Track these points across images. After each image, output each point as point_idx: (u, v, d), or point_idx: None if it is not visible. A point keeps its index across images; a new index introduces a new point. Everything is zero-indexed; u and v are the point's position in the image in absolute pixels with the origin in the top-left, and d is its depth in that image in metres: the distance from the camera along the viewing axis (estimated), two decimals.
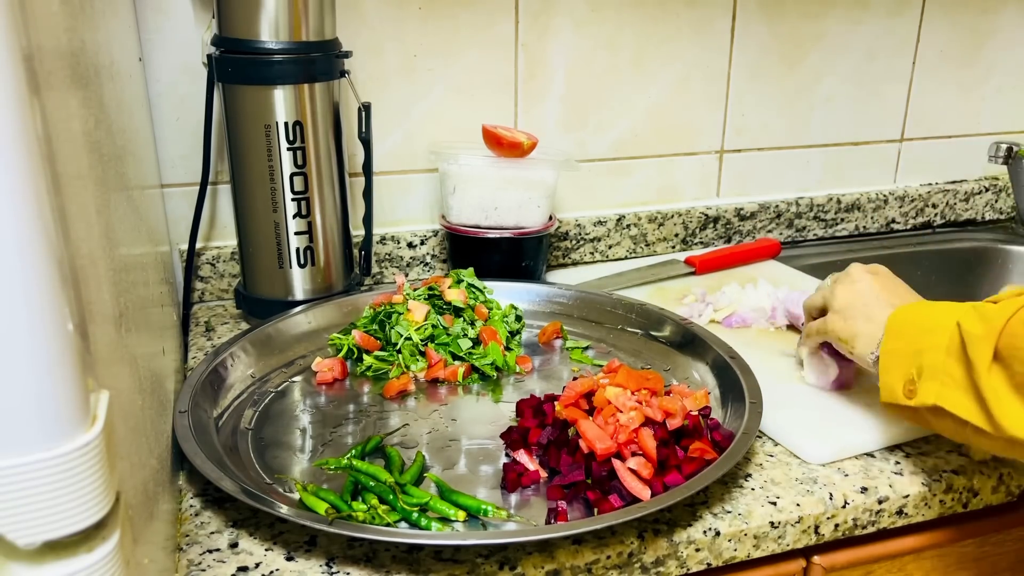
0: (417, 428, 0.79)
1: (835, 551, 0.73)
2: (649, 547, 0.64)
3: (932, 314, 0.67)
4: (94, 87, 0.53)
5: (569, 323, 0.99)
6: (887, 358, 0.69)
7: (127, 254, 0.57)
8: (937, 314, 0.67)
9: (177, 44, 1.01)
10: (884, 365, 0.69)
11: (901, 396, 0.67)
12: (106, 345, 0.43)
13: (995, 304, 0.63)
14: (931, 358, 0.65)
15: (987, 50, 1.39)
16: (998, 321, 0.60)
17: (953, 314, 0.64)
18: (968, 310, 0.64)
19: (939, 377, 0.64)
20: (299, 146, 0.93)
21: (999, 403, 0.60)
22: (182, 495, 0.70)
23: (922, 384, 0.65)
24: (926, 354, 0.65)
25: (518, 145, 1.04)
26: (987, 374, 0.60)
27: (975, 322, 0.62)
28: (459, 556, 0.62)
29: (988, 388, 0.60)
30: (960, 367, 0.63)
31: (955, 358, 0.63)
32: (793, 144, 1.33)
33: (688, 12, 1.19)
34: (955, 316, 0.64)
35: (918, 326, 0.68)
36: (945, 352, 0.64)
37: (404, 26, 1.08)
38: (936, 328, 0.65)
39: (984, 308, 0.63)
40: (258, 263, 0.98)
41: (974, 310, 0.63)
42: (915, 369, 0.66)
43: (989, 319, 0.61)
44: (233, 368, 0.84)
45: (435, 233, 1.16)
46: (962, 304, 0.66)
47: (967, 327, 0.62)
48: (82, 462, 0.34)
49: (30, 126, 0.31)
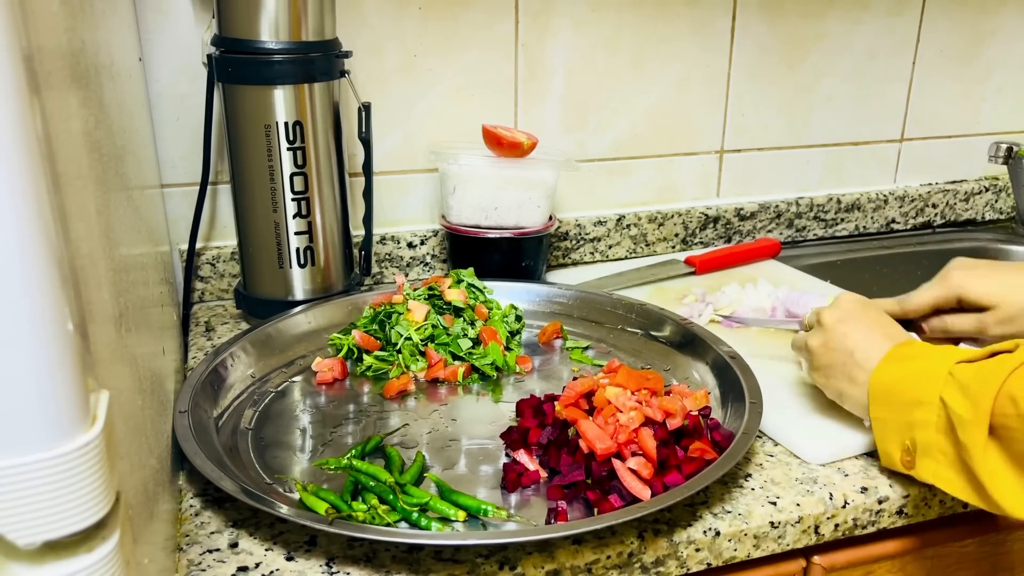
0: (417, 428, 0.79)
1: (835, 551, 0.73)
2: (649, 547, 0.64)
3: (912, 383, 0.66)
4: (94, 87, 0.53)
5: (569, 323, 0.99)
6: (879, 427, 0.69)
7: (127, 254, 0.57)
8: (917, 384, 0.66)
9: (177, 44, 1.01)
10: (878, 433, 0.70)
11: (900, 465, 0.68)
12: (106, 345, 0.43)
13: (973, 369, 0.62)
14: (923, 435, 0.65)
15: (987, 50, 1.39)
16: (983, 398, 0.60)
17: (934, 385, 0.64)
18: (947, 379, 0.63)
19: (934, 455, 0.64)
20: (299, 146, 0.93)
21: (994, 483, 0.60)
22: (182, 495, 0.69)
23: (919, 460, 0.66)
24: (917, 430, 0.65)
25: (518, 145, 1.04)
26: (982, 456, 0.60)
27: (958, 398, 0.62)
28: (459, 556, 0.62)
29: (983, 471, 0.60)
30: (951, 447, 0.63)
31: (945, 436, 0.63)
32: (793, 144, 1.33)
33: (688, 12, 1.19)
34: (937, 388, 0.63)
35: (902, 398, 0.67)
36: (935, 429, 0.64)
37: (404, 26, 1.08)
38: (921, 403, 0.65)
39: (962, 376, 0.62)
40: (258, 263, 0.98)
41: (953, 379, 0.63)
42: (909, 442, 0.66)
43: (973, 395, 0.61)
44: (233, 368, 0.84)
45: (435, 233, 1.16)
46: (938, 364, 0.65)
47: (952, 405, 0.62)
48: (82, 462, 0.34)
49: (30, 126, 0.31)
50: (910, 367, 0.68)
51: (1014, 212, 1.48)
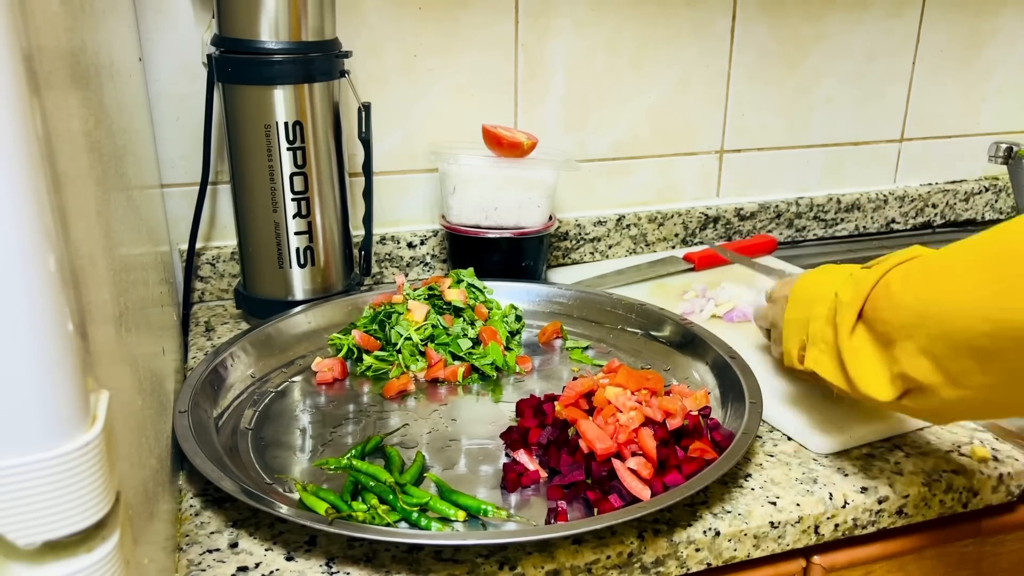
0: (417, 428, 0.79)
1: (835, 551, 0.73)
2: (649, 547, 0.64)
3: (820, 282, 0.71)
4: (94, 87, 0.53)
5: (569, 323, 0.99)
6: (788, 327, 0.73)
7: (127, 254, 0.57)
8: (823, 282, 0.70)
9: (177, 44, 1.01)
10: (786, 334, 0.74)
11: (796, 362, 0.72)
12: (106, 345, 0.43)
13: (868, 269, 0.66)
14: (815, 326, 0.68)
15: (987, 50, 1.39)
16: (865, 286, 0.63)
17: (835, 282, 0.68)
18: (846, 278, 0.67)
19: (817, 344, 0.68)
20: (299, 146, 0.93)
21: (854, 364, 0.63)
22: (182, 495, 0.69)
23: (808, 351, 0.69)
24: (812, 322, 0.69)
25: (518, 145, 1.04)
26: (848, 338, 0.64)
27: (848, 289, 0.65)
28: (459, 556, 0.62)
29: (847, 351, 0.64)
30: (831, 333, 0.66)
31: (829, 325, 0.67)
32: (793, 144, 1.33)
33: (688, 12, 1.19)
34: (835, 285, 0.67)
35: (810, 295, 0.71)
36: (824, 320, 0.67)
37: (404, 26, 1.08)
38: (821, 297, 0.69)
39: (858, 274, 0.66)
40: (258, 263, 0.98)
41: (851, 277, 0.67)
42: (806, 336, 0.70)
43: (859, 284, 0.64)
44: (233, 368, 0.84)
45: (435, 233, 1.16)
46: (845, 269, 0.70)
47: (841, 295, 0.66)
48: (82, 462, 0.34)
49: (30, 126, 0.31)
50: (824, 273, 0.73)
51: (1014, 212, 1.48)
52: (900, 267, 0.63)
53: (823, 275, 0.72)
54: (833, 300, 0.66)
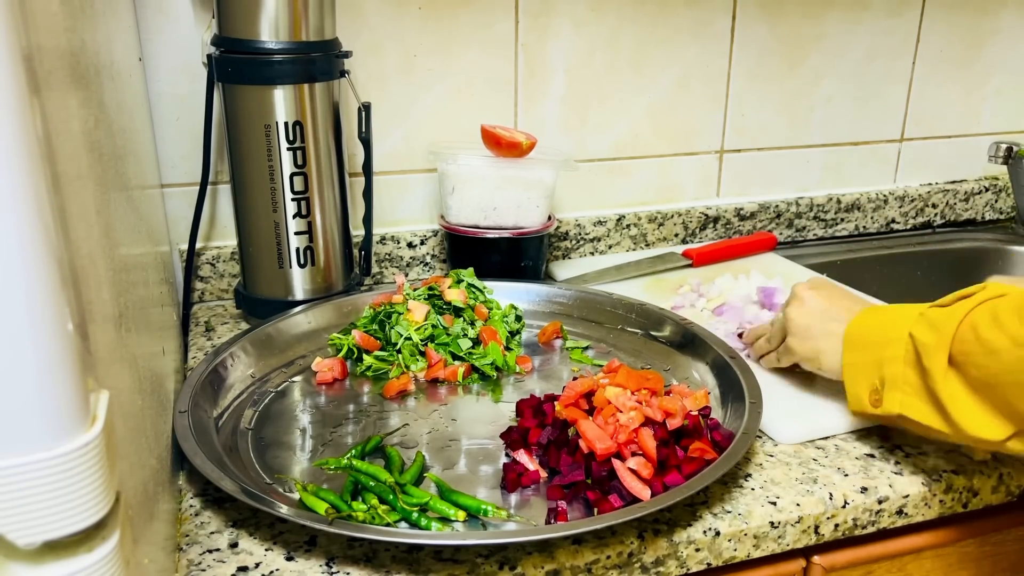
0: (417, 428, 0.79)
1: (835, 551, 0.73)
2: (649, 547, 0.64)
3: (885, 326, 0.71)
4: (94, 87, 0.53)
5: (569, 323, 0.99)
6: (850, 371, 0.73)
7: (127, 254, 0.57)
8: (889, 325, 0.70)
9: (177, 44, 1.01)
10: (848, 377, 0.73)
11: (868, 406, 0.71)
12: (106, 345, 0.43)
13: (942, 309, 0.66)
14: (891, 369, 0.68)
15: (987, 50, 1.39)
16: (948, 328, 0.64)
17: (905, 324, 0.68)
18: (918, 318, 0.67)
19: (900, 387, 0.68)
20: (299, 146, 0.93)
21: (956, 407, 0.63)
22: (182, 495, 0.69)
23: (886, 394, 0.69)
24: (886, 366, 0.69)
25: (517, 145, 1.04)
26: (943, 380, 0.64)
27: (926, 331, 0.66)
28: (459, 556, 0.62)
29: (945, 394, 0.64)
30: (917, 376, 0.66)
31: (912, 368, 0.67)
32: (793, 144, 1.33)
33: (688, 12, 1.19)
34: (907, 326, 0.67)
35: (874, 339, 0.71)
36: (903, 363, 0.67)
37: (404, 26, 1.08)
38: (891, 340, 0.69)
39: (932, 315, 0.66)
40: (258, 263, 0.98)
41: (923, 318, 0.67)
42: (878, 380, 0.70)
43: (939, 327, 0.64)
44: (233, 368, 0.84)
45: (435, 233, 1.16)
46: (910, 309, 0.70)
47: (919, 338, 0.66)
48: (82, 462, 0.34)
49: (30, 126, 0.31)
50: (883, 314, 0.73)
51: (1014, 212, 1.48)
52: (984, 307, 0.63)
53: (886, 315, 0.72)
54: (909, 342, 0.67)
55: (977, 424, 0.62)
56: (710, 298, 1.04)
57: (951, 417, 0.63)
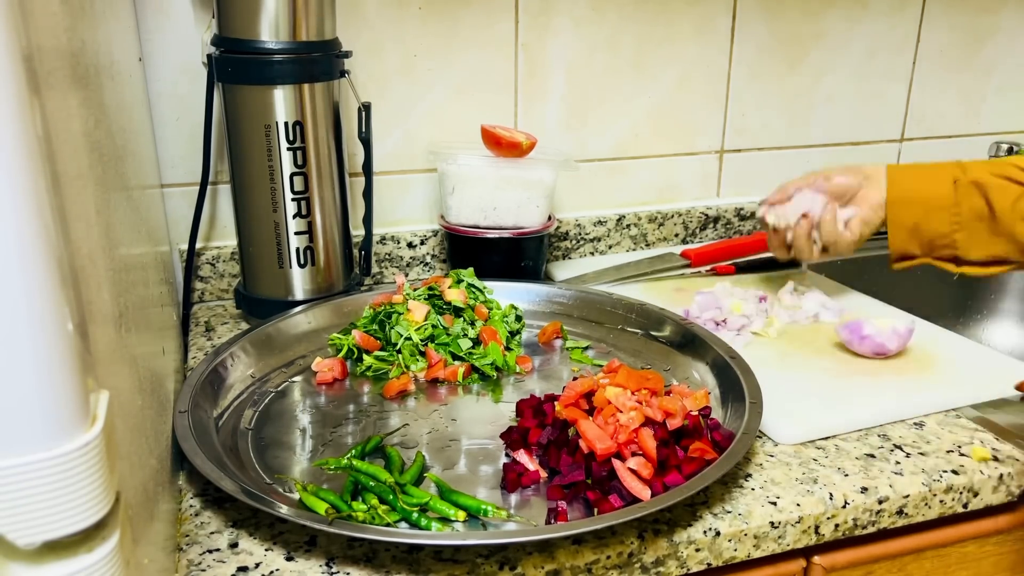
0: (417, 428, 0.79)
1: (835, 551, 0.73)
2: (649, 547, 0.64)
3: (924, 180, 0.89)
4: (94, 87, 0.53)
5: (569, 323, 0.99)
6: (900, 230, 0.89)
7: (127, 254, 0.57)
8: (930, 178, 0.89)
9: (177, 44, 1.01)
10: (898, 235, 0.89)
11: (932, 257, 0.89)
12: (106, 345, 0.43)
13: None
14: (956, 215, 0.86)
15: (987, 50, 1.39)
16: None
17: (944, 177, 0.88)
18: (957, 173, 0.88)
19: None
20: (299, 146, 0.93)
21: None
22: (182, 495, 0.70)
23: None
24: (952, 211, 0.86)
25: (517, 145, 1.04)
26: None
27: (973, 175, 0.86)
28: (459, 556, 0.62)
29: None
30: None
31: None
32: (793, 144, 1.33)
33: (688, 12, 1.19)
34: (948, 178, 0.88)
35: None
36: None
37: (404, 26, 1.08)
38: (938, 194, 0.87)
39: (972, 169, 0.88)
40: (258, 263, 0.98)
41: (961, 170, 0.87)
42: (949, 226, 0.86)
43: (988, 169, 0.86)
44: (233, 368, 0.84)
45: (435, 233, 1.16)
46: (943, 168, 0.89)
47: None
48: (82, 462, 0.34)
49: (30, 126, 0.31)
50: (917, 175, 0.90)
51: None
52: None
53: (920, 175, 0.89)
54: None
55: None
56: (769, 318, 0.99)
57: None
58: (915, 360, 0.90)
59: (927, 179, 0.86)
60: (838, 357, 0.91)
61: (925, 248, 0.87)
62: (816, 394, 0.83)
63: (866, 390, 0.84)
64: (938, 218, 0.84)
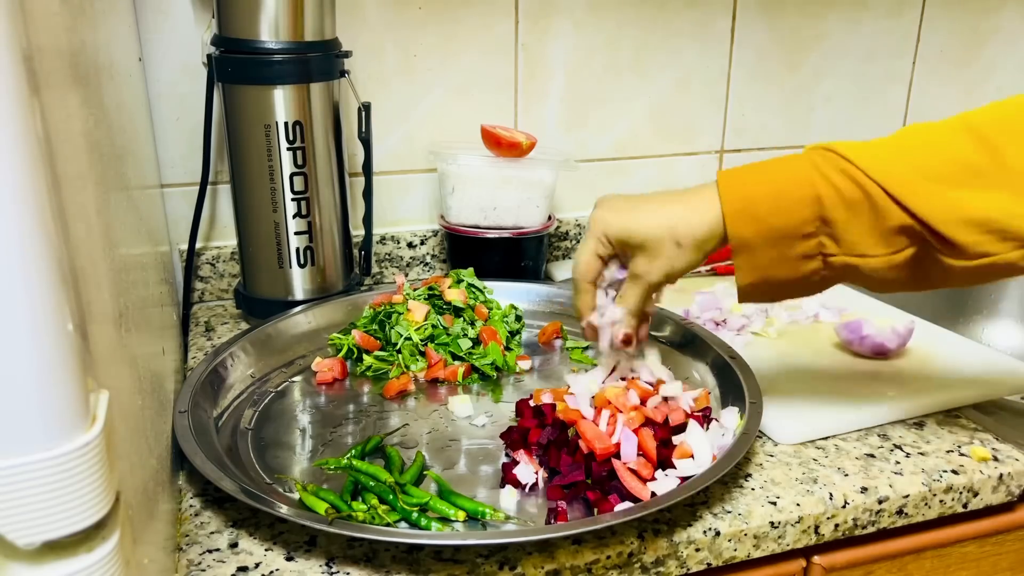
0: (417, 428, 0.79)
1: (835, 551, 0.73)
2: (649, 547, 0.64)
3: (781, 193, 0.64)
4: (94, 87, 0.53)
5: (569, 323, 0.99)
6: (762, 250, 0.64)
7: (127, 254, 0.57)
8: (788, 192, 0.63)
9: (177, 44, 1.01)
10: (756, 258, 0.65)
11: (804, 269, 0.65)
12: (106, 345, 0.43)
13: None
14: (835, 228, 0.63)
15: (987, 50, 1.39)
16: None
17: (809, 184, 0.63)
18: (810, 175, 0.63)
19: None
20: (299, 146, 0.93)
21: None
22: (182, 495, 0.70)
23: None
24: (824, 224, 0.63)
25: (517, 145, 1.04)
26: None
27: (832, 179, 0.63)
28: (459, 556, 0.62)
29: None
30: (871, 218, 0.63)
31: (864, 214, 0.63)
32: (793, 144, 1.33)
33: (688, 12, 1.19)
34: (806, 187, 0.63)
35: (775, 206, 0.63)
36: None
37: (404, 26, 1.08)
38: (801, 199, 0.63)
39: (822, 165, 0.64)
40: (258, 263, 0.98)
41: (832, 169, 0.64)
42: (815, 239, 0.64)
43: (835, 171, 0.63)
44: (233, 368, 0.84)
45: (435, 233, 1.16)
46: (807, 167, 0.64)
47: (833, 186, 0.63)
48: (82, 462, 0.34)
49: (30, 126, 0.31)
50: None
51: None
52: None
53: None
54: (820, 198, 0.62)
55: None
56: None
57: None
58: (915, 360, 0.90)
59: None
60: (838, 357, 0.91)
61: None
62: (816, 394, 0.83)
63: (866, 390, 0.83)
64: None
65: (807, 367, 0.89)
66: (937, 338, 0.95)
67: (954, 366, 0.89)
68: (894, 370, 0.88)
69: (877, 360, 0.90)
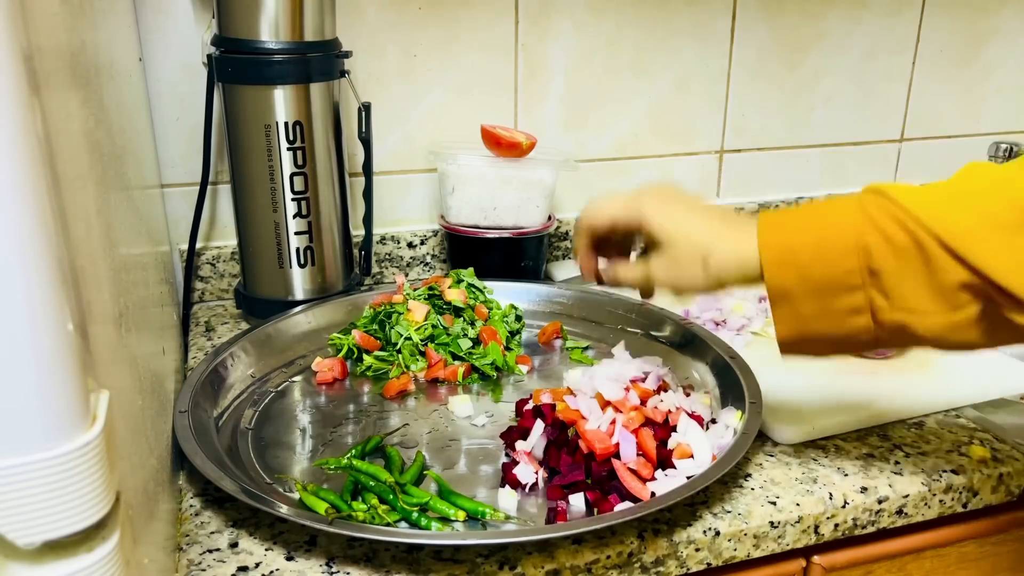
0: (417, 428, 0.79)
1: (835, 551, 0.73)
2: (649, 547, 0.64)
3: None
4: (94, 87, 0.53)
5: (569, 323, 0.99)
6: (798, 302, 0.59)
7: (127, 254, 0.57)
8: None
9: (177, 44, 1.01)
10: (792, 310, 0.60)
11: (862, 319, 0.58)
12: (106, 345, 0.43)
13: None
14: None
15: (987, 50, 1.39)
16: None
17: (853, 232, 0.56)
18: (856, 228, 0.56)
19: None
20: (299, 146, 0.93)
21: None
22: (182, 495, 0.70)
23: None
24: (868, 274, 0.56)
25: (517, 145, 1.04)
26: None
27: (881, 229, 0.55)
28: (459, 556, 0.62)
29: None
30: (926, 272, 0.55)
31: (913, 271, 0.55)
32: (793, 144, 1.33)
33: (688, 12, 1.19)
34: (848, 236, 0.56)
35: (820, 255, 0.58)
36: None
37: (404, 26, 1.08)
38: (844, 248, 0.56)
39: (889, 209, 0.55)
40: (258, 263, 0.98)
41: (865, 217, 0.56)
42: (861, 295, 0.57)
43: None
44: (233, 368, 0.84)
45: (435, 233, 1.16)
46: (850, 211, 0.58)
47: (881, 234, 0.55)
48: (82, 462, 0.34)
49: (30, 126, 0.31)
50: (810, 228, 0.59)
51: None
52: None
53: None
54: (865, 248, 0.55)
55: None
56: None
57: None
58: (915, 360, 0.90)
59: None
60: (838, 357, 0.91)
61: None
62: (816, 394, 0.83)
63: (866, 390, 0.83)
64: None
65: (807, 367, 0.89)
66: None
67: (954, 366, 0.89)
68: (894, 370, 0.88)
69: (877, 360, 0.90)
